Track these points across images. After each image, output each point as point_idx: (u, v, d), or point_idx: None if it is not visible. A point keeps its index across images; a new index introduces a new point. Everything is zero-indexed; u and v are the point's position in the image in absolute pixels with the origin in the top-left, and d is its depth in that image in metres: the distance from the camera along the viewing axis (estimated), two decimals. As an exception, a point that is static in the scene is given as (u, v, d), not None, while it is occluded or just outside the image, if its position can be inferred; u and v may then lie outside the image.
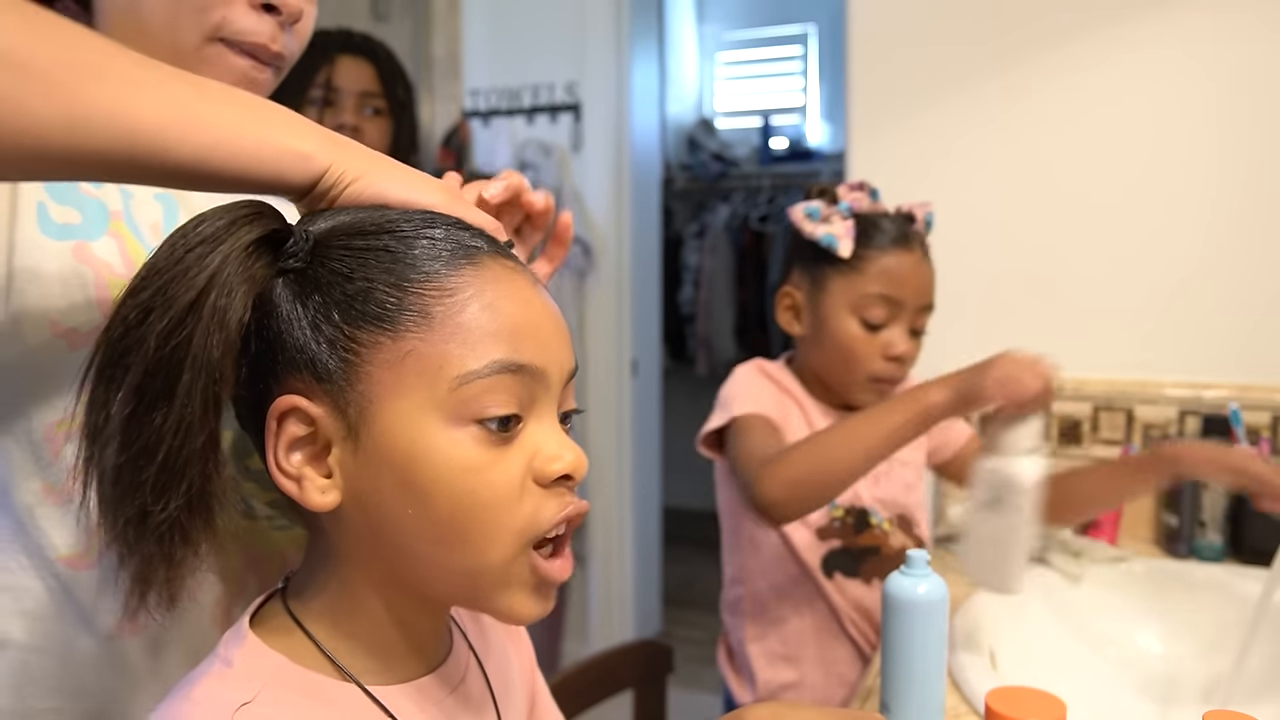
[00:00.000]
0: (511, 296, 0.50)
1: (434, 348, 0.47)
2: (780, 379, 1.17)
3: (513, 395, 0.48)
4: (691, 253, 3.81)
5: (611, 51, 2.46)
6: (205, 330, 0.45)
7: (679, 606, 3.07)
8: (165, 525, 0.45)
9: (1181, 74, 1.37)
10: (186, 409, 0.44)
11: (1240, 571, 1.16)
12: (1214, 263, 1.37)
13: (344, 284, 0.48)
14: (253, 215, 0.48)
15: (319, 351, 0.47)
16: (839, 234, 1.09)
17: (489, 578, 0.49)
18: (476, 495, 0.47)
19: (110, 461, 0.44)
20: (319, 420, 0.48)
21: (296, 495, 0.48)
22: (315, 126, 0.53)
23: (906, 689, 0.75)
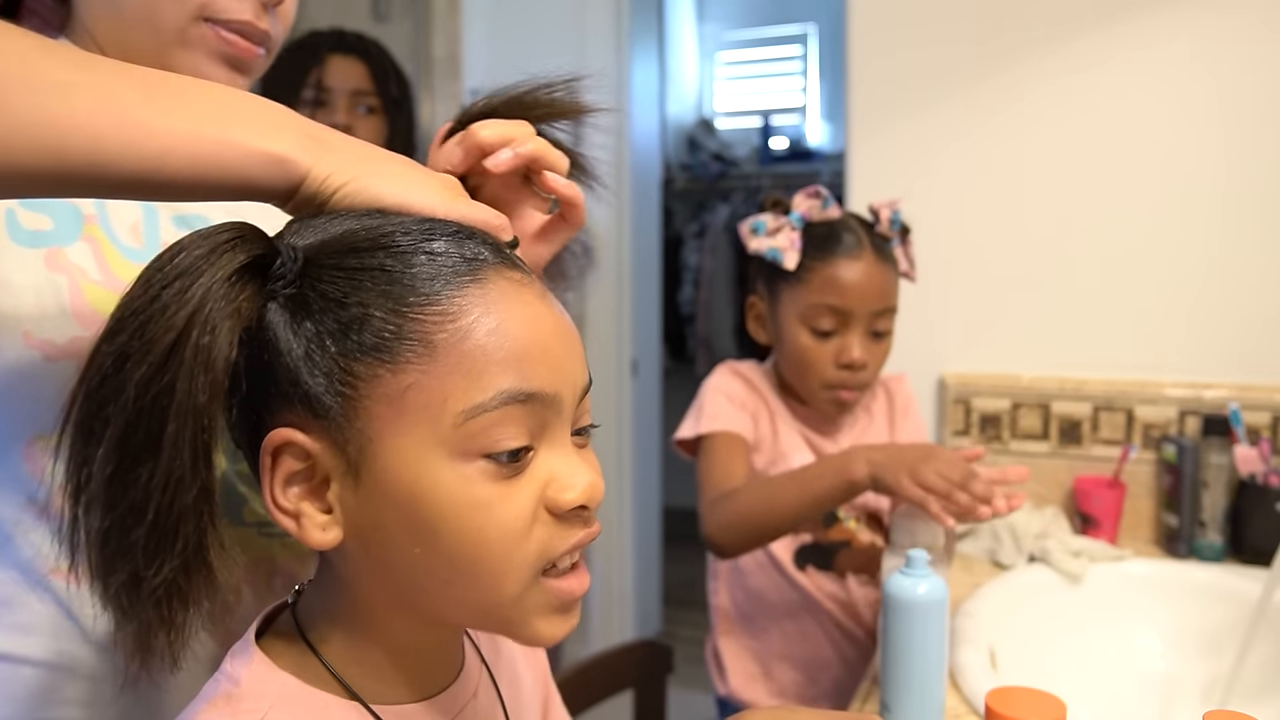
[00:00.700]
0: (518, 316, 0.46)
1: (437, 380, 0.44)
2: (753, 380, 1.19)
3: (523, 426, 0.45)
4: (691, 253, 3.81)
5: (611, 52, 2.46)
6: (189, 374, 0.41)
7: (679, 606, 3.06)
8: (161, 589, 0.42)
9: (1182, 73, 1.37)
10: (175, 462, 0.41)
11: (1240, 571, 1.16)
12: (1214, 263, 1.37)
13: (338, 310, 0.44)
14: (234, 240, 0.44)
15: (314, 385, 0.44)
16: (783, 247, 1.10)
17: (505, 611, 0.47)
18: (485, 533, 0.45)
19: (95, 524, 0.41)
20: (316, 455, 0.45)
21: (295, 533, 0.46)
22: (294, 122, 0.49)
23: (906, 689, 0.75)
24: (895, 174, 1.51)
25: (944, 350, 1.45)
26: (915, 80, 1.51)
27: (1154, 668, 1.09)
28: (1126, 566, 1.17)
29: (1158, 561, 1.23)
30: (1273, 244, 1.35)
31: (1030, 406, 1.44)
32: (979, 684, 0.86)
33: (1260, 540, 1.21)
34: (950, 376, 1.48)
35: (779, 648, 1.18)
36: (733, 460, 1.10)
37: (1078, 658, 1.07)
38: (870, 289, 1.09)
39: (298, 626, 0.50)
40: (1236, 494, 1.25)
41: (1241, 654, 0.97)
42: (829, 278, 1.09)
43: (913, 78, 1.51)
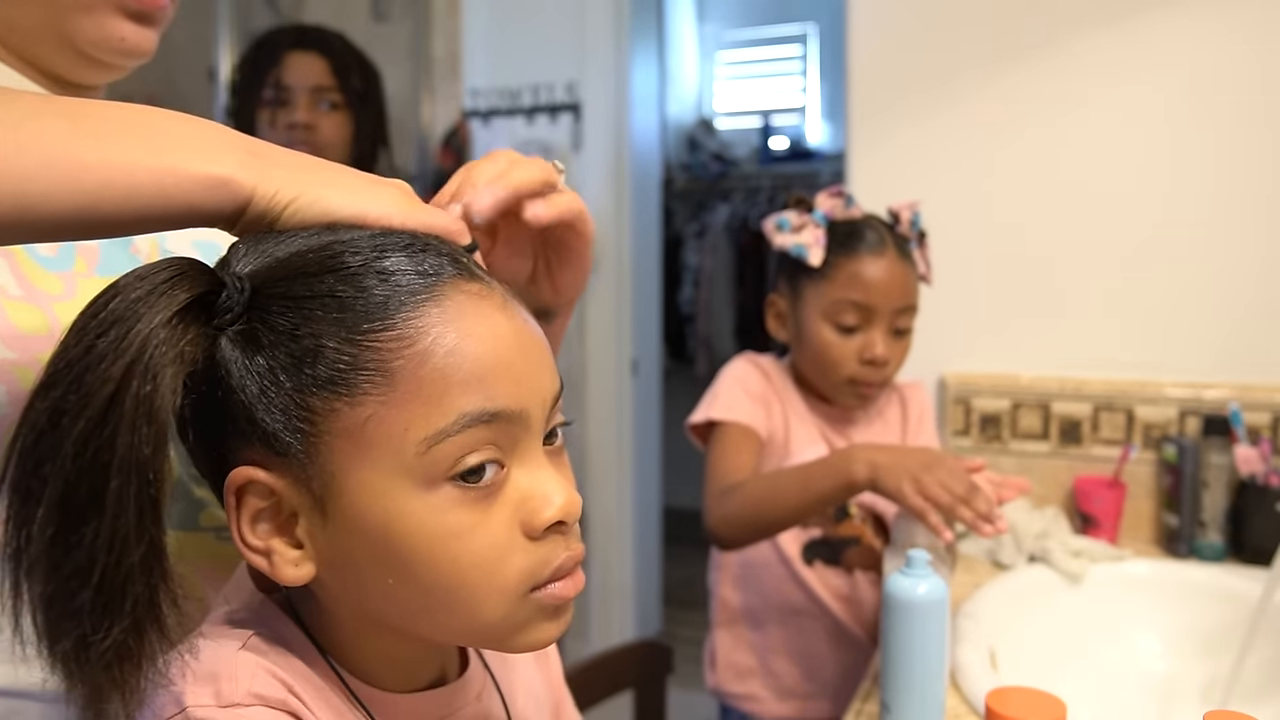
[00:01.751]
0: (477, 333, 0.44)
1: (396, 409, 0.42)
2: (771, 374, 1.19)
3: (490, 445, 0.44)
4: (691, 253, 3.81)
5: (611, 51, 2.46)
6: (130, 427, 0.38)
7: (679, 606, 3.06)
8: (110, 653, 0.39)
9: (1183, 74, 1.37)
10: (119, 520, 0.38)
11: (1240, 571, 1.16)
12: (1214, 263, 1.37)
13: (289, 343, 0.42)
14: (173, 279, 0.41)
15: (270, 423, 0.42)
16: (808, 243, 1.11)
17: (492, 631, 0.46)
18: (459, 562, 0.44)
19: (39, 589, 0.39)
20: (280, 492, 0.44)
21: (268, 571, 0.45)
22: (232, 140, 0.46)
23: (906, 689, 0.75)
24: (895, 174, 1.51)
25: (944, 350, 1.45)
26: (915, 80, 1.51)
27: (1154, 668, 1.09)
28: (1126, 566, 1.17)
29: (1158, 561, 1.23)
30: (1273, 244, 1.35)
31: (1030, 406, 1.44)
32: (979, 684, 0.86)
33: (1260, 540, 1.21)
34: (950, 376, 1.48)
35: (778, 642, 1.18)
36: (741, 453, 1.11)
37: (1078, 658, 1.07)
38: (894, 286, 1.09)
39: (292, 611, 0.50)
40: (1237, 494, 1.25)
41: (1241, 655, 0.97)
42: (853, 274, 1.09)
43: (913, 77, 1.51)
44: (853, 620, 1.16)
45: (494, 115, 2.54)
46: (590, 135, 2.48)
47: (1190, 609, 1.11)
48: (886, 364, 1.10)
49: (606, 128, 2.47)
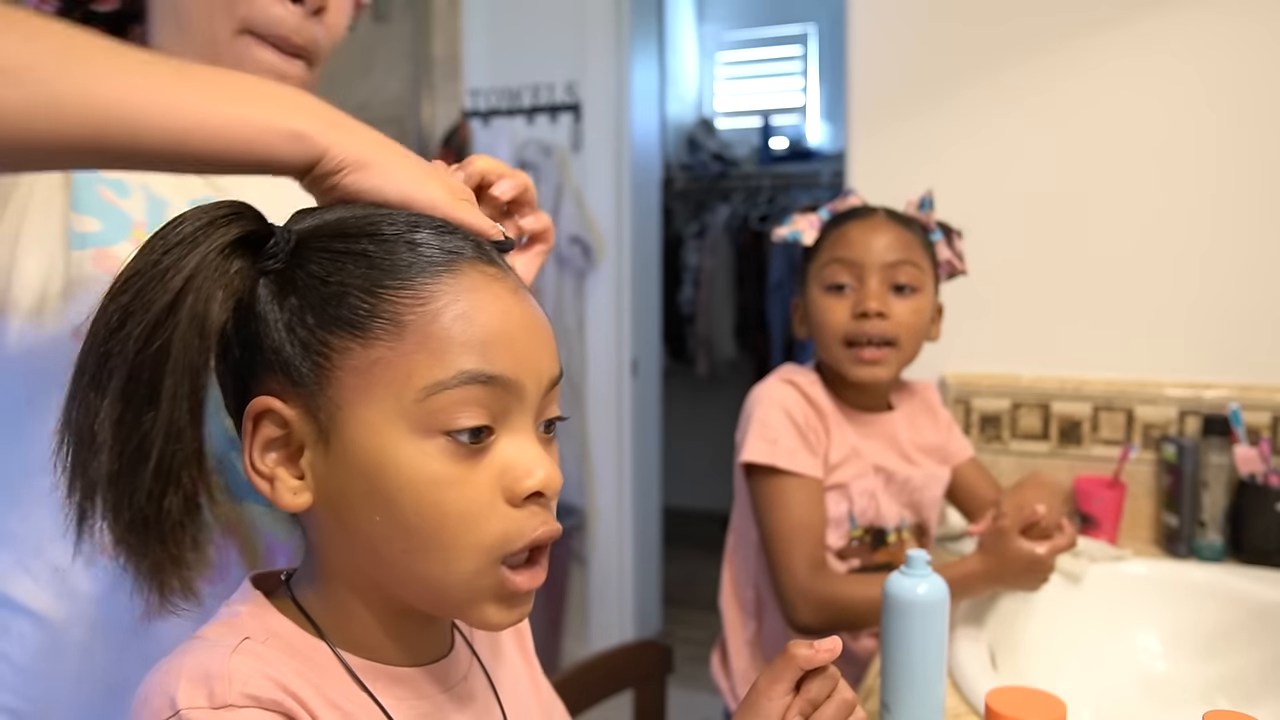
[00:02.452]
0: (488, 306, 0.48)
1: (403, 357, 0.46)
2: (808, 390, 1.15)
3: (483, 407, 0.47)
4: (691, 253, 3.81)
5: (611, 51, 2.46)
6: (184, 335, 0.44)
7: (679, 606, 3.07)
8: (167, 527, 0.45)
9: (1183, 73, 1.37)
10: (175, 414, 0.44)
11: (1240, 571, 1.16)
12: (1214, 263, 1.37)
13: (320, 287, 0.48)
14: (231, 216, 0.47)
15: (292, 354, 0.47)
16: (803, 229, 1.14)
17: (456, 589, 0.49)
18: (443, 508, 0.47)
19: (105, 467, 0.44)
20: (292, 422, 0.48)
21: (269, 495, 0.49)
22: (314, 104, 0.52)
23: (906, 689, 0.75)
24: (895, 174, 1.51)
25: (944, 350, 1.45)
26: (915, 80, 1.51)
27: (1154, 668, 1.09)
28: (1126, 566, 1.17)
29: (1158, 561, 1.23)
30: (1273, 244, 1.35)
31: (1030, 406, 1.44)
32: (979, 684, 0.86)
33: (1260, 540, 1.21)
34: (950, 376, 1.48)
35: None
36: (814, 513, 1.07)
37: (1078, 658, 1.07)
38: (879, 240, 1.09)
39: (290, 594, 0.52)
40: (1236, 494, 1.25)
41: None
42: (838, 236, 1.12)
43: (912, 77, 1.51)
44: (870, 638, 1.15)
45: (494, 115, 2.54)
46: (590, 135, 2.48)
47: (1190, 609, 1.11)
48: (883, 317, 1.07)
49: (606, 128, 2.47)
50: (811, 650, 0.54)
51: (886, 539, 1.14)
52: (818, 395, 1.15)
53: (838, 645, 0.54)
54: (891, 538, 1.14)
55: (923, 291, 1.11)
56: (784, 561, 1.05)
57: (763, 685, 0.55)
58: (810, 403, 1.14)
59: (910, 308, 1.10)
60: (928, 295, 1.12)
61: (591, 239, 2.46)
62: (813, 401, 1.14)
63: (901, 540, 1.15)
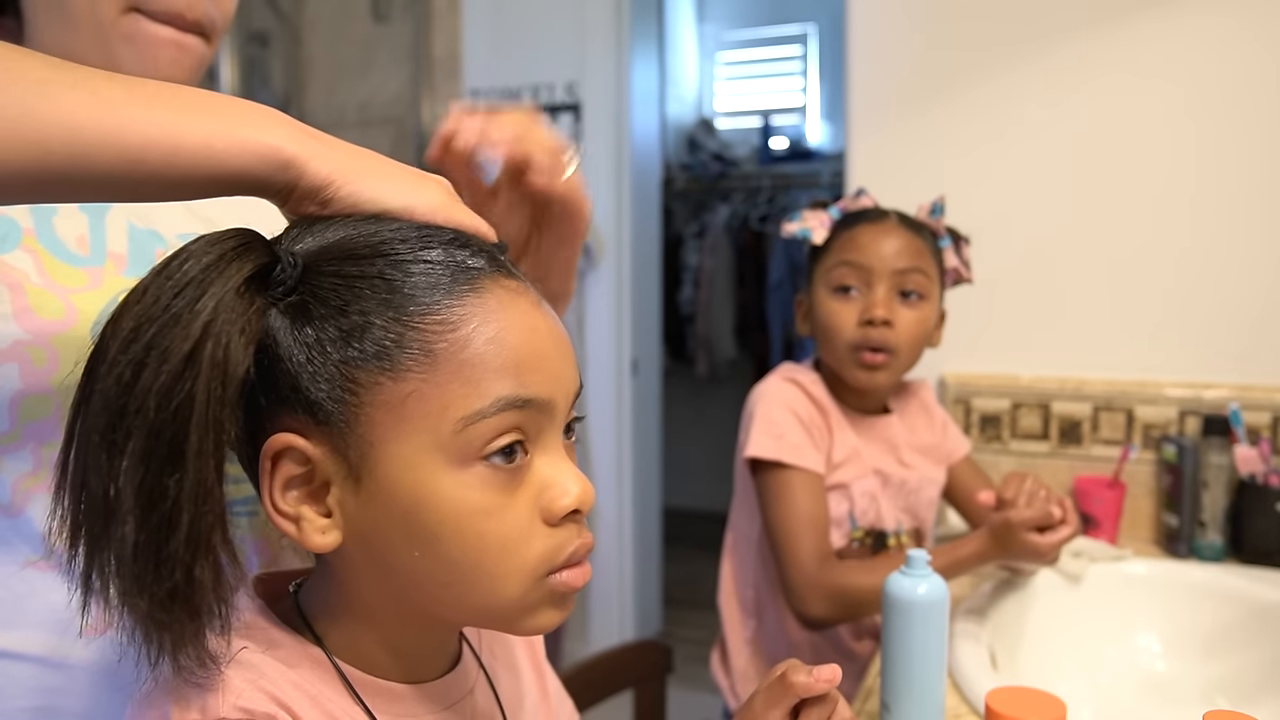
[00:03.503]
0: (516, 325, 0.47)
1: (437, 388, 0.45)
2: (810, 389, 1.15)
3: (519, 430, 0.46)
4: (691, 253, 3.81)
5: (611, 51, 2.46)
6: (207, 386, 0.41)
7: (679, 606, 3.07)
8: (200, 599, 0.42)
9: (1183, 73, 1.37)
10: (203, 472, 0.41)
11: (1240, 571, 1.16)
12: (1214, 263, 1.37)
13: (339, 317, 0.45)
14: (241, 248, 0.44)
15: (315, 391, 0.45)
16: (813, 226, 1.13)
17: (505, 609, 0.48)
18: (485, 539, 0.46)
19: (130, 538, 0.40)
20: (316, 460, 0.46)
21: (295, 536, 0.47)
22: (287, 120, 0.48)
23: (906, 689, 0.75)
24: (895, 174, 1.51)
25: (944, 350, 1.45)
26: (915, 80, 1.51)
27: (1154, 668, 1.09)
28: (1126, 566, 1.17)
29: (1158, 561, 1.23)
30: (1272, 244, 1.35)
31: (1030, 406, 1.44)
32: (979, 684, 0.86)
33: (1260, 540, 1.22)
34: (950, 376, 1.49)
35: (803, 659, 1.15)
36: (819, 507, 1.07)
37: (1078, 658, 1.07)
38: (890, 245, 1.09)
39: (299, 611, 0.51)
40: (1236, 494, 1.25)
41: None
42: (849, 238, 1.11)
43: (912, 78, 1.51)
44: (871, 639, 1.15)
45: (494, 115, 2.53)
46: (590, 135, 2.47)
47: (1190, 609, 1.11)
48: (889, 325, 1.07)
49: (606, 128, 2.47)
50: (810, 678, 0.54)
51: (887, 541, 1.14)
52: (820, 394, 1.15)
53: (837, 675, 0.54)
54: (892, 541, 1.14)
55: (929, 299, 1.11)
56: (791, 554, 1.05)
57: (759, 707, 0.55)
58: (813, 401, 1.14)
59: (916, 316, 1.10)
60: (933, 303, 1.12)
61: (591, 239, 2.46)
62: (816, 400, 1.14)
63: (901, 545, 1.15)
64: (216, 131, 0.45)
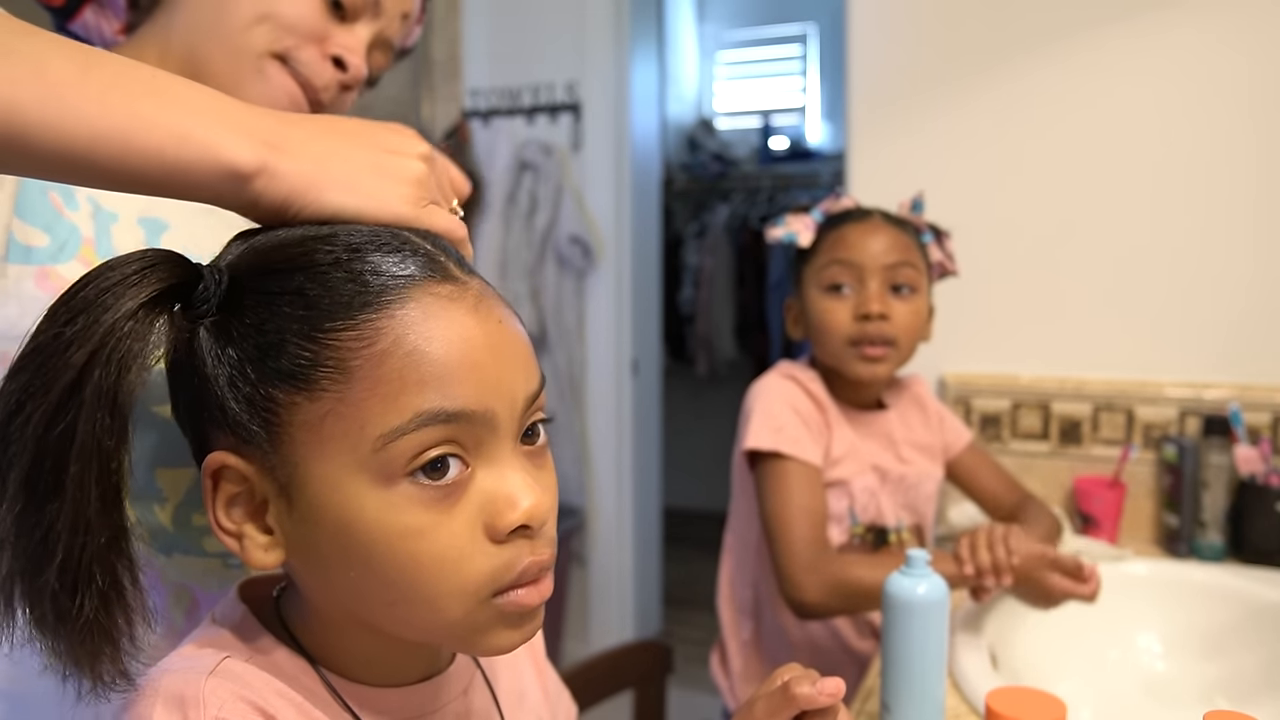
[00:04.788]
0: (441, 336, 0.44)
1: (353, 406, 0.43)
2: (809, 385, 1.15)
3: (450, 444, 0.44)
4: (691, 253, 3.81)
5: (611, 51, 2.46)
6: (90, 415, 0.39)
7: (679, 606, 3.07)
8: (83, 627, 0.40)
9: (1183, 74, 1.37)
10: (81, 504, 0.39)
11: (1240, 571, 1.16)
12: (1214, 263, 1.37)
13: (256, 336, 0.43)
14: (143, 270, 0.41)
15: (239, 412, 0.44)
16: (798, 230, 1.14)
17: (451, 629, 0.46)
18: (418, 560, 0.44)
19: (8, 565, 0.40)
20: (251, 478, 0.45)
21: (239, 553, 0.46)
22: (251, 122, 0.45)
23: (906, 689, 0.75)
24: (895, 174, 1.51)
25: (944, 350, 1.45)
26: (915, 80, 1.51)
27: (1154, 668, 1.09)
28: (1126, 566, 1.17)
29: (1158, 561, 1.23)
30: (1273, 244, 1.35)
31: (1030, 406, 1.44)
32: (979, 684, 0.86)
33: (1260, 540, 1.22)
34: (950, 376, 1.48)
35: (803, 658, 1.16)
36: (816, 499, 1.07)
37: (1078, 658, 1.07)
38: (878, 242, 1.10)
39: (278, 612, 0.51)
40: (1237, 494, 1.25)
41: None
42: (835, 238, 1.12)
43: (912, 77, 1.51)
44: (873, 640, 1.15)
45: (494, 115, 2.54)
46: (590, 135, 2.47)
47: (1190, 609, 1.11)
48: (885, 319, 1.08)
49: (606, 128, 2.47)
50: (814, 690, 0.53)
51: (888, 537, 1.14)
52: (818, 391, 1.15)
53: (841, 688, 0.53)
54: (892, 537, 1.14)
55: (920, 292, 1.12)
56: (787, 542, 1.04)
57: (760, 714, 0.54)
58: (811, 397, 1.14)
59: (909, 309, 1.11)
60: (924, 296, 1.13)
61: (591, 239, 2.46)
62: (814, 396, 1.14)
63: (902, 541, 1.15)
64: (172, 135, 0.42)
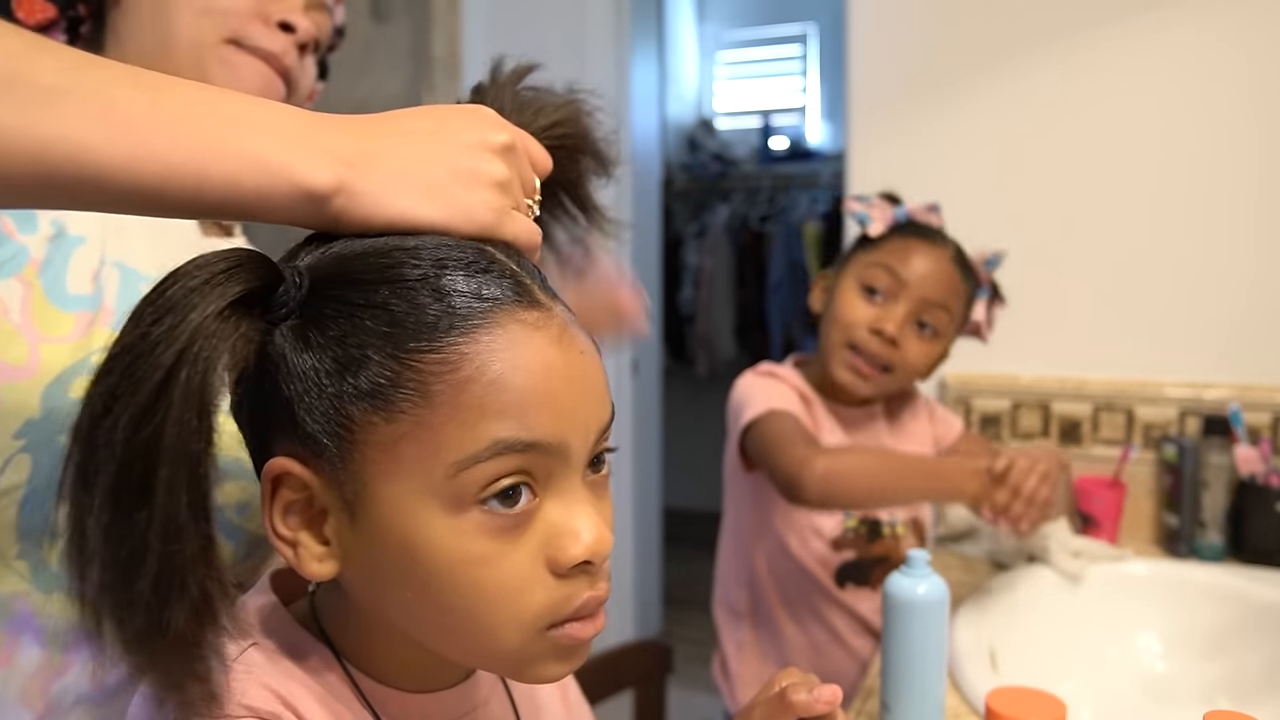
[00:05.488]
0: (525, 365, 0.43)
1: (431, 431, 0.42)
2: (792, 381, 1.16)
3: (522, 474, 0.43)
4: (691, 253, 3.81)
5: (611, 51, 2.46)
6: (178, 418, 0.38)
7: (679, 606, 3.06)
8: (175, 641, 0.39)
9: (1183, 73, 1.37)
10: (171, 509, 0.38)
11: (1240, 571, 1.16)
12: (1214, 263, 1.37)
13: (335, 347, 0.42)
14: (229, 270, 0.41)
15: (310, 423, 0.43)
16: (875, 216, 1.13)
17: (503, 659, 0.46)
18: (481, 588, 0.43)
19: (98, 577, 0.38)
20: (313, 488, 0.44)
21: (292, 561, 0.45)
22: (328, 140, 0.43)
23: (906, 689, 0.75)
24: (895, 174, 1.50)
25: (944, 350, 1.45)
26: (915, 80, 1.51)
27: (1154, 668, 1.09)
28: (1126, 566, 1.17)
29: (1158, 561, 1.23)
30: (1273, 244, 1.35)
31: (1030, 406, 1.44)
32: (979, 684, 0.86)
33: (1260, 540, 1.21)
34: (950, 376, 1.48)
35: (803, 658, 1.16)
36: (799, 424, 1.06)
37: (1078, 658, 1.07)
38: (932, 273, 1.09)
39: (311, 605, 0.51)
40: (1237, 494, 1.25)
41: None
42: (900, 246, 1.10)
43: (913, 77, 1.51)
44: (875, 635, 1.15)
45: (494, 115, 2.53)
46: (590, 135, 2.47)
47: (1190, 609, 1.11)
48: (894, 345, 1.07)
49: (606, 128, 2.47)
50: (810, 698, 0.52)
51: (881, 531, 1.14)
52: (802, 386, 1.16)
53: (838, 696, 0.53)
54: (886, 530, 1.15)
55: (942, 339, 1.11)
56: (784, 448, 1.01)
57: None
58: (798, 393, 1.15)
59: (923, 350, 1.10)
60: (944, 344, 1.13)
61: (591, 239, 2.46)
62: (799, 392, 1.15)
63: (897, 535, 1.15)
64: (246, 162, 0.41)
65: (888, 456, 1.06)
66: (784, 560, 1.14)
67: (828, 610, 1.14)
